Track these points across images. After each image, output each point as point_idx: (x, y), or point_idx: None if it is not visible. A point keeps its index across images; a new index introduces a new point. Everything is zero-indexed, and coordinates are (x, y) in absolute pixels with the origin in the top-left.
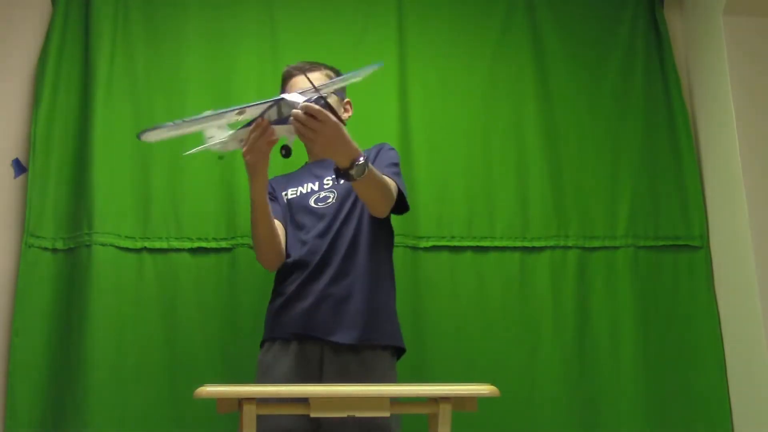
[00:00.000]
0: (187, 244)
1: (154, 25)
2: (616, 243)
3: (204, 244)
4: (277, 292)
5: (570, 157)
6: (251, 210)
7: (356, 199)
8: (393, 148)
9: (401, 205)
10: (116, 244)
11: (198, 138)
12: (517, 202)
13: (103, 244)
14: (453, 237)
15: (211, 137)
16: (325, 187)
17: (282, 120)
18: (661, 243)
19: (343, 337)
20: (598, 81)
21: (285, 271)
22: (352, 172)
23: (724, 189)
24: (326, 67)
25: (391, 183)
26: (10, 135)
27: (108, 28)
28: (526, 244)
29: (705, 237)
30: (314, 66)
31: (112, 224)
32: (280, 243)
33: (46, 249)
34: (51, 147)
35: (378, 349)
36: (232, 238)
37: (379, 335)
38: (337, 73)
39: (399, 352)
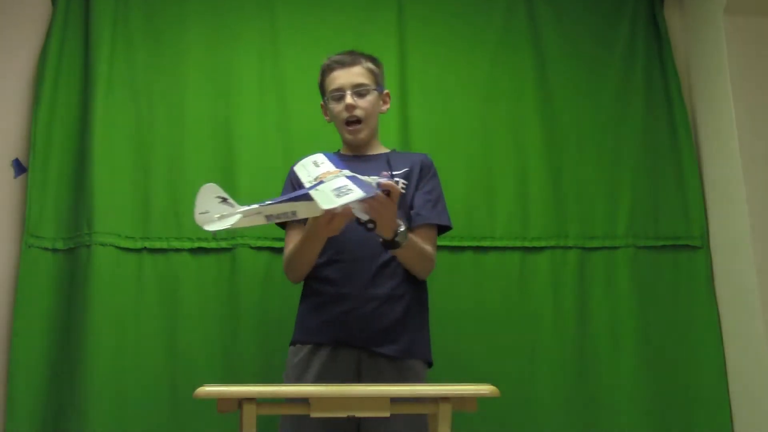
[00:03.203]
0: (187, 244)
1: (154, 24)
2: (616, 243)
3: (204, 244)
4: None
5: (570, 157)
6: (309, 240)
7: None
8: (435, 173)
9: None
10: (116, 244)
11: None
12: (517, 202)
13: (103, 244)
14: (453, 237)
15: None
16: None
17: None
18: (661, 243)
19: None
20: (598, 81)
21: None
22: (398, 239)
23: (724, 189)
24: (365, 58)
25: (431, 252)
26: (10, 135)
27: (108, 27)
28: (526, 244)
29: (705, 237)
30: (355, 59)
31: (112, 224)
32: None
33: (46, 249)
34: (51, 147)
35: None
36: (232, 238)
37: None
38: (375, 62)
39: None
